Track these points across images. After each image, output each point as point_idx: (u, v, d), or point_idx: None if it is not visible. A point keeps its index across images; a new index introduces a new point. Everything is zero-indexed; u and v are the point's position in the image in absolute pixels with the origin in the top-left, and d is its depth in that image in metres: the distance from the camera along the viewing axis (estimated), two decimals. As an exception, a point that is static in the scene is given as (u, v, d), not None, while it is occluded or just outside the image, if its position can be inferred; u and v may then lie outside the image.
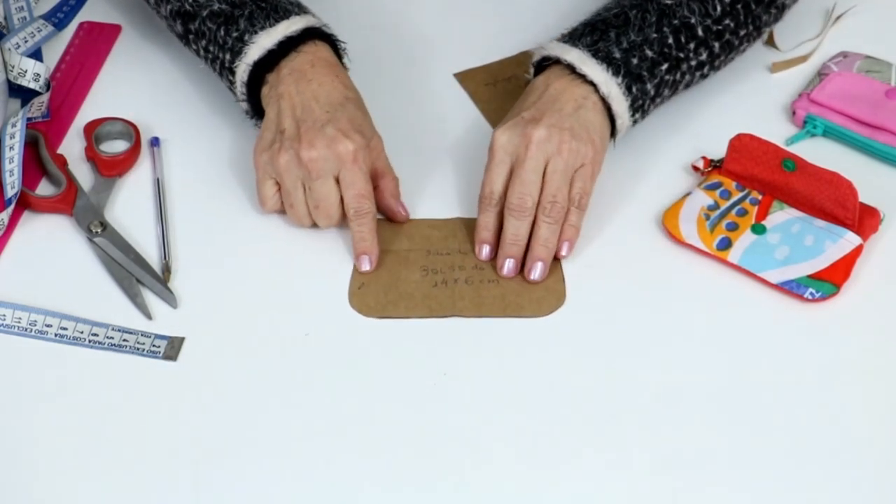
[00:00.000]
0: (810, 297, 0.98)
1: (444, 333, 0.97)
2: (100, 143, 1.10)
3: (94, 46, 1.19)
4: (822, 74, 1.13)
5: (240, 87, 1.05)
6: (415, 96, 1.14)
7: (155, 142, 1.10)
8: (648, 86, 1.04)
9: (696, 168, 1.06)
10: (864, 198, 1.01)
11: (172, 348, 0.96)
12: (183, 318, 0.98)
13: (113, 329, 0.96)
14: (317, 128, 1.00)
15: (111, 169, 1.08)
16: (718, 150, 1.07)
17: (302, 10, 1.06)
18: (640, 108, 1.04)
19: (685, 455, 0.90)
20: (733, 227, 1.01)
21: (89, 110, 1.13)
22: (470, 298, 0.99)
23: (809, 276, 0.98)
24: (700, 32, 1.05)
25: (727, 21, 1.06)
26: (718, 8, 1.06)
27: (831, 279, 0.98)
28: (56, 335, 0.96)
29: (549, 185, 0.99)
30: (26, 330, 0.96)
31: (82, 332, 0.96)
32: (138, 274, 1.00)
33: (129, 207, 1.06)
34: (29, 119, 1.09)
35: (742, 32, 1.08)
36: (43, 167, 1.08)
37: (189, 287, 1.00)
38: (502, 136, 1.01)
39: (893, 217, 1.04)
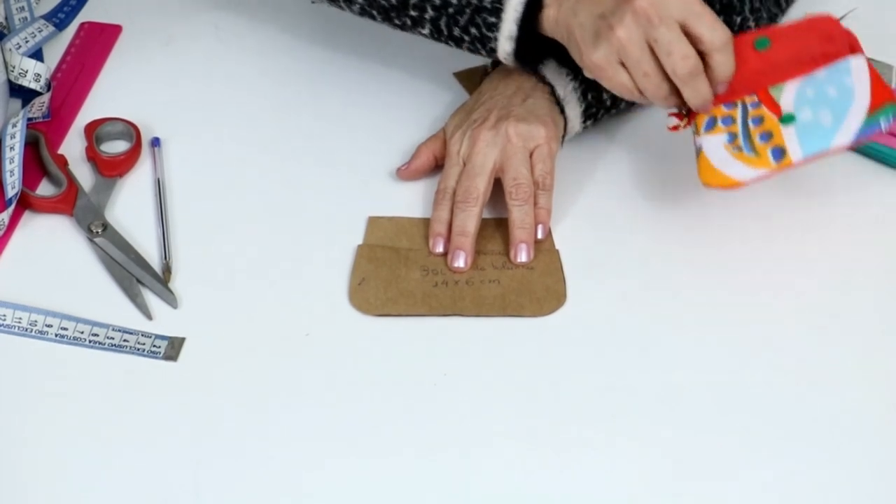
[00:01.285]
0: (888, 129, 0.94)
1: (445, 334, 0.97)
2: (100, 143, 1.09)
3: (94, 46, 1.19)
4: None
5: (511, 27, 0.99)
6: (414, 95, 1.14)
7: (156, 142, 1.10)
8: (604, 95, 1.05)
9: (674, 128, 1.02)
10: (866, 202, 1.01)
11: (173, 349, 0.95)
12: (183, 318, 0.98)
13: (113, 329, 0.96)
14: None
15: (112, 169, 1.07)
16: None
17: None
18: (592, 115, 1.06)
19: (689, 456, 0.90)
20: (768, 137, 0.97)
21: (90, 110, 1.13)
22: (470, 298, 0.99)
23: (870, 114, 0.94)
24: None
25: None
26: None
27: (886, 100, 0.94)
28: (56, 335, 0.95)
29: (508, 171, 1.01)
30: (26, 330, 0.96)
31: (82, 333, 0.95)
32: (139, 274, 1.00)
33: (130, 208, 1.05)
34: (29, 119, 1.09)
35: None
36: (43, 167, 1.08)
37: (189, 287, 0.99)
38: (455, 144, 1.03)
39: (893, 220, 1.04)
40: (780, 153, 0.96)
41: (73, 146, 1.10)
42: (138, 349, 0.95)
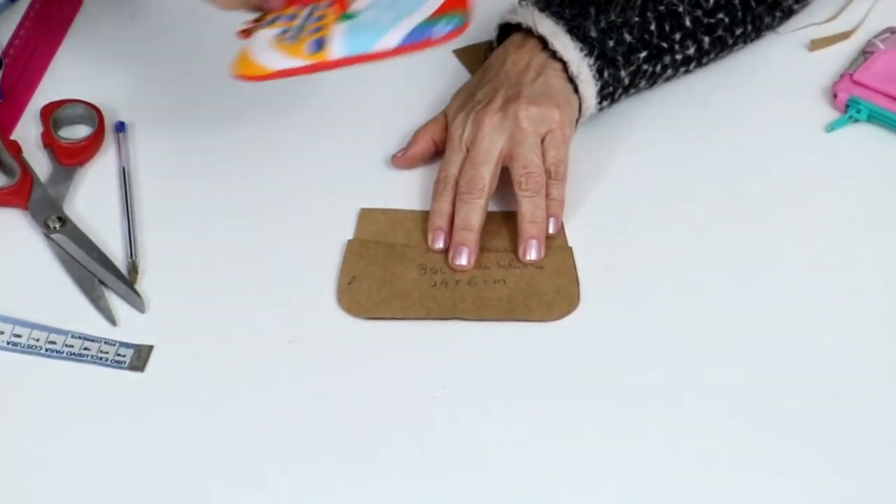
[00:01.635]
0: (440, 36, 0.91)
1: (444, 339, 0.95)
2: (58, 128, 1.07)
3: (51, 20, 1.16)
4: (866, 53, 1.11)
5: None
6: (414, 74, 1.12)
7: (120, 127, 1.07)
8: (622, 73, 1.04)
9: (243, 31, 0.96)
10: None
11: (139, 358, 0.93)
12: (151, 323, 0.96)
13: (73, 336, 0.94)
14: None
15: (71, 157, 1.05)
16: (747, 145, 1.06)
17: None
18: (608, 95, 1.05)
19: (712, 469, 0.88)
20: (317, 30, 0.94)
21: (47, 92, 1.10)
22: (473, 300, 0.96)
23: (429, 18, 0.91)
24: (687, 23, 1.06)
25: (721, 15, 1.07)
26: (711, 0, 1.07)
27: (455, 7, 0.91)
28: (8, 343, 0.93)
29: (518, 158, 1.00)
30: (-25, 337, 0.95)
31: (38, 340, 0.94)
32: (101, 274, 0.97)
33: (92, 200, 1.03)
34: (-22, 101, 1.06)
35: (738, 31, 1.09)
36: (-6, 155, 1.06)
37: (158, 289, 0.97)
38: (457, 128, 1.02)
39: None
40: (318, 45, 0.93)
41: (27, 131, 1.08)
42: (101, 358, 0.93)
